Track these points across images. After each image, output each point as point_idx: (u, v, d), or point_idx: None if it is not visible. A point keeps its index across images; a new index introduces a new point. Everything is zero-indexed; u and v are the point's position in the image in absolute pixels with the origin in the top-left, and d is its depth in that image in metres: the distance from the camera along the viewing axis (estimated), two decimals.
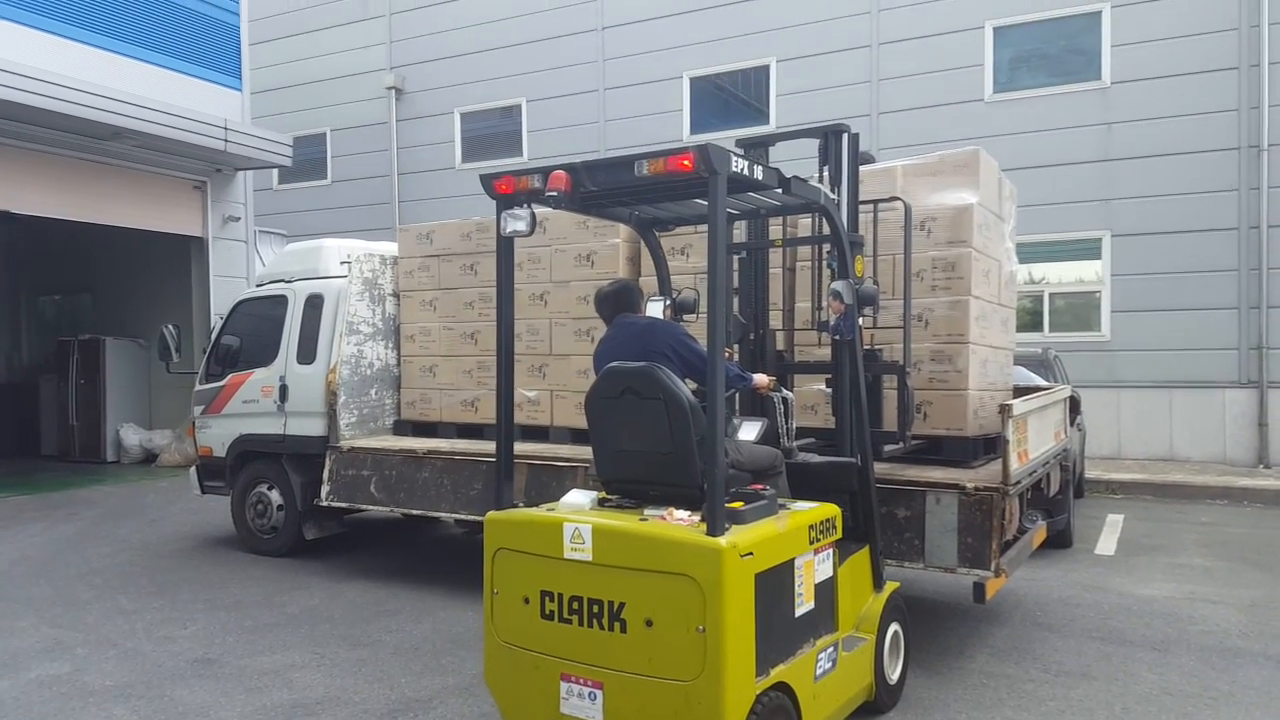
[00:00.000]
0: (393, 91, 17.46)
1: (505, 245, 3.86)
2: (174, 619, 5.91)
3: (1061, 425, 6.46)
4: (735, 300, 5.03)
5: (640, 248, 6.09)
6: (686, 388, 3.67)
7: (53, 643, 5.45)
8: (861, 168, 4.88)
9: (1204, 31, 11.77)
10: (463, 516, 6.58)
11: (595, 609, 3.37)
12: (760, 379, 4.33)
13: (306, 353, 7.57)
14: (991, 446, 5.52)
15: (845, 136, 4.70)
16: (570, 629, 3.43)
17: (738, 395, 4.76)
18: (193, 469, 8.44)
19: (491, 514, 3.74)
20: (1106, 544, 7.85)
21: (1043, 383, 7.97)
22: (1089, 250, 12.54)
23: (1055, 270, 12.86)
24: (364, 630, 5.65)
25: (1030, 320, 12.53)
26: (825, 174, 4.72)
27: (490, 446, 5.94)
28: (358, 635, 5.55)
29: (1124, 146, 12.23)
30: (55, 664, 5.08)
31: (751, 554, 3.26)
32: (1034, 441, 5.32)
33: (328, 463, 7.18)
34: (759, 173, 3.59)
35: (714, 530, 3.21)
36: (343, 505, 7.16)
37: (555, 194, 3.53)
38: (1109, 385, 12.18)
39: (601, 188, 3.66)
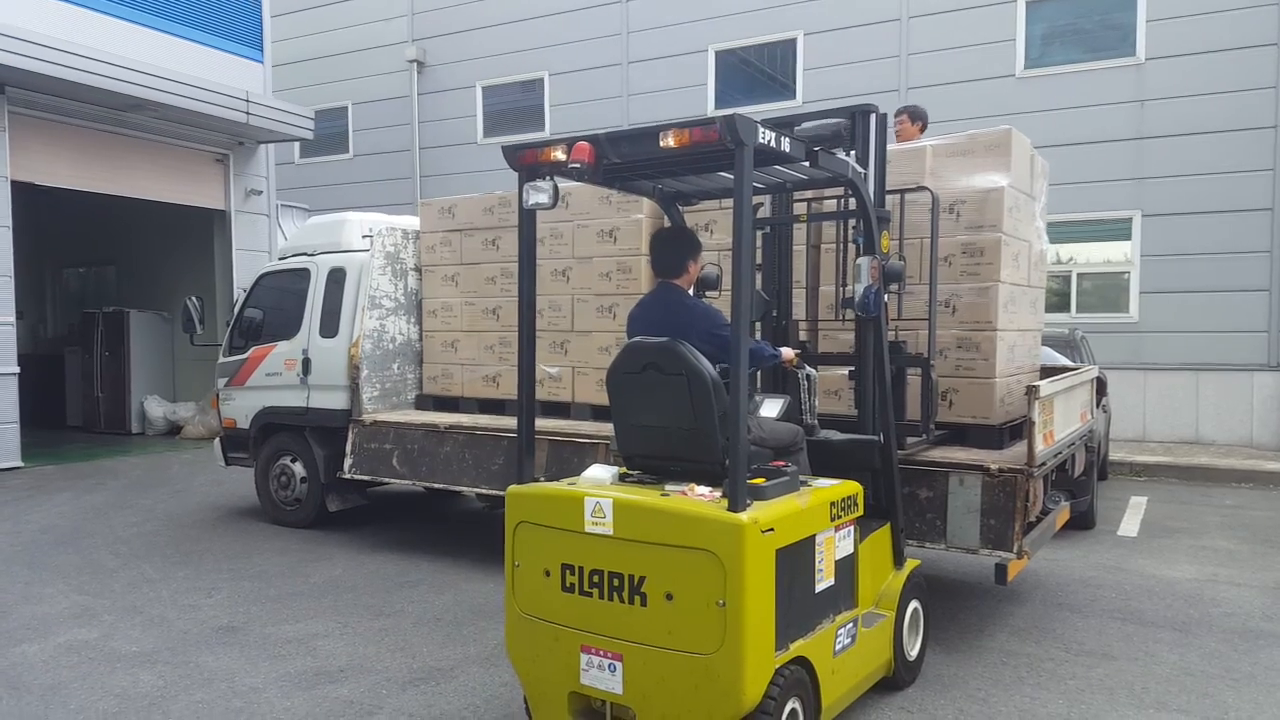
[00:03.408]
0: (414, 65, 17.39)
1: (527, 219, 3.82)
2: (199, 587, 5.99)
3: (1087, 406, 6.39)
4: (758, 277, 4.98)
5: (664, 223, 6.03)
6: (709, 363, 3.65)
7: (80, 609, 5.55)
8: (890, 147, 4.79)
9: (1240, 7, 11.48)
10: (484, 491, 6.61)
11: (616, 582, 3.37)
12: (788, 352, 4.40)
13: (329, 326, 7.61)
14: (1018, 433, 5.42)
15: (873, 117, 4.62)
16: (591, 602, 3.43)
17: (759, 372, 4.73)
18: (217, 441, 8.54)
19: (513, 488, 3.74)
20: (1129, 525, 7.79)
21: (1069, 363, 7.89)
22: (1119, 230, 12.34)
23: (1084, 250, 12.66)
24: (386, 600, 5.71)
25: (1057, 301, 12.34)
26: (852, 156, 4.65)
27: (512, 422, 5.94)
28: (380, 605, 5.61)
29: (1157, 125, 11.99)
30: (83, 630, 5.16)
31: (772, 530, 3.25)
32: (1059, 423, 5.26)
33: (350, 436, 7.22)
34: (785, 144, 3.53)
35: (735, 506, 3.20)
36: (365, 478, 7.21)
37: (578, 166, 3.48)
38: (1135, 367, 12.03)
39: (625, 160, 3.60)
